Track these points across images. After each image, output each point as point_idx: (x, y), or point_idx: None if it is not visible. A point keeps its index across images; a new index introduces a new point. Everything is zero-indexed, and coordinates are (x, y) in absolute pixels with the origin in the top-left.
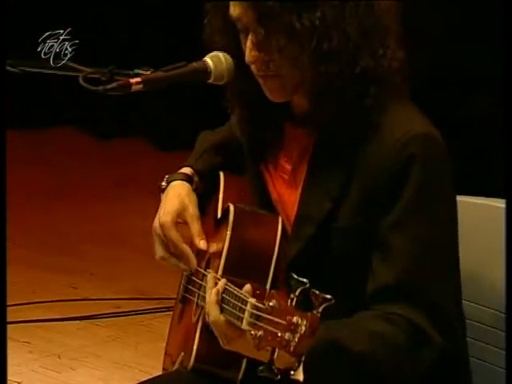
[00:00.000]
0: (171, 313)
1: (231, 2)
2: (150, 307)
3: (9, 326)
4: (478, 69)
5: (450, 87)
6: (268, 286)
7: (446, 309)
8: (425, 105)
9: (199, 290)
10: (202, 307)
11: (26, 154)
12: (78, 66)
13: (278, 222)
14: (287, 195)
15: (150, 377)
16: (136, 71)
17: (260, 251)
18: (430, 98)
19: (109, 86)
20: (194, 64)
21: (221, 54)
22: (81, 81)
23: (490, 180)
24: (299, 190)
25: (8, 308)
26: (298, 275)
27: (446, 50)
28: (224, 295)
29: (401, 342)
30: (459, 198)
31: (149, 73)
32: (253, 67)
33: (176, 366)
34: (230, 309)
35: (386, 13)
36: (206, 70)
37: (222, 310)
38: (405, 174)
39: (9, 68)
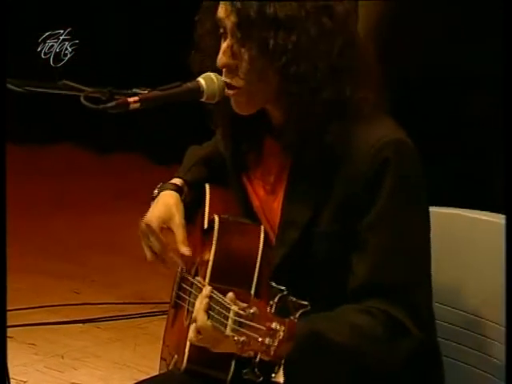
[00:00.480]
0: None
1: (220, 4)
2: (148, 311)
3: (15, 329)
4: (478, 69)
5: (449, 87)
6: (252, 292)
7: (421, 304)
8: (425, 105)
9: (189, 296)
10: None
11: (30, 168)
12: (79, 86)
13: (260, 231)
14: (270, 203)
15: (148, 376)
16: (134, 90)
17: (244, 259)
18: (430, 98)
19: (108, 105)
20: (188, 84)
21: (213, 75)
22: (82, 100)
23: (490, 180)
24: (281, 198)
25: (14, 312)
26: (283, 279)
27: (447, 50)
28: (210, 303)
29: (379, 333)
30: (433, 209)
31: (146, 92)
32: (224, 72)
33: (170, 367)
34: (216, 315)
35: (364, 57)
36: (198, 90)
37: (209, 316)
38: (380, 177)
39: (14, 88)
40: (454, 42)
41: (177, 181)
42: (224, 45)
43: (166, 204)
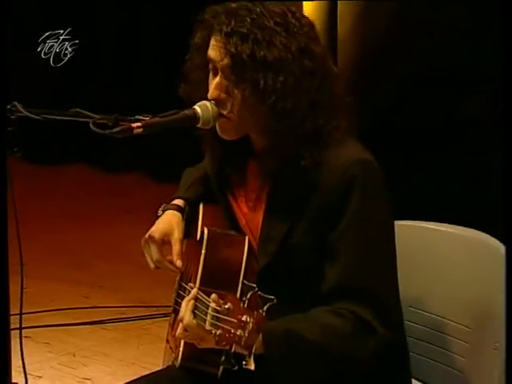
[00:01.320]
0: (167, 318)
1: (212, 44)
2: (149, 314)
3: (32, 330)
4: (478, 69)
5: (450, 87)
6: (238, 295)
7: (387, 305)
8: (425, 105)
9: (182, 300)
10: None
11: (46, 185)
12: (88, 113)
13: (244, 242)
14: (252, 218)
15: (149, 372)
16: (137, 117)
17: (230, 266)
18: (430, 98)
19: (114, 130)
20: (186, 111)
21: (208, 103)
22: (91, 126)
23: (490, 180)
24: (262, 214)
25: (31, 314)
26: (266, 284)
27: (447, 50)
28: (196, 303)
29: (348, 332)
30: (404, 223)
31: (147, 118)
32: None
33: (167, 365)
34: (199, 313)
35: (338, 91)
36: (195, 117)
37: (194, 316)
38: (348, 191)
39: (33, 116)
40: (452, 42)
41: (178, 201)
42: (214, 81)
43: (168, 221)
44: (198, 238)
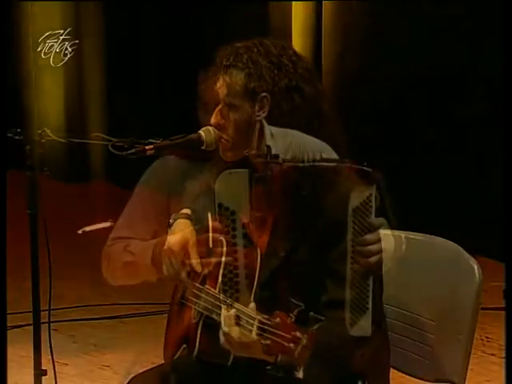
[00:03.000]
0: None
1: (218, 78)
2: (161, 310)
3: (59, 324)
4: (478, 69)
5: (448, 87)
6: (252, 297)
7: (378, 313)
8: (425, 105)
9: (197, 299)
10: (202, 313)
11: (71, 199)
12: (108, 137)
13: (257, 251)
14: (258, 236)
15: (161, 360)
16: (150, 140)
17: (246, 272)
18: (427, 99)
19: (130, 152)
20: (191, 135)
21: (211, 128)
22: (110, 148)
23: (489, 180)
24: (268, 233)
25: (59, 310)
26: (267, 293)
27: (445, 50)
28: (239, 314)
29: (347, 336)
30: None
31: (159, 141)
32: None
33: (177, 355)
34: (244, 324)
35: (331, 126)
36: (199, 140)
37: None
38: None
39: (60, 139)
40: (451, 42)
41: (186, 210)
42: (216, 109)
43: (182, 229)
44: (211, 245)
